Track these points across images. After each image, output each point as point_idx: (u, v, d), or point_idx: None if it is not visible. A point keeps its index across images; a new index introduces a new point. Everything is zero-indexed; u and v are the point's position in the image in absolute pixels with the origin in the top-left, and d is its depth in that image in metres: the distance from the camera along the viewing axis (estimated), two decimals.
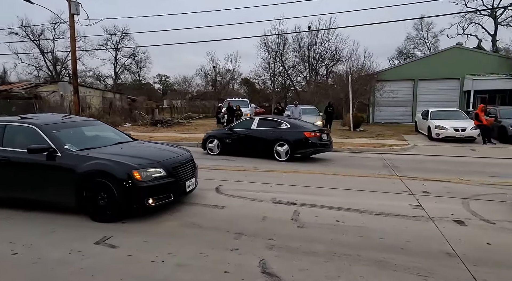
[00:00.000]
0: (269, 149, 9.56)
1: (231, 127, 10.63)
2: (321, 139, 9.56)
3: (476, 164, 9.34)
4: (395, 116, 23.97)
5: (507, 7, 30.47)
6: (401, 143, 13.38)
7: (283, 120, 10.14)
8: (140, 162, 4.56)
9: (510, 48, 30.47)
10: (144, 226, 4.31)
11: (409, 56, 43.30)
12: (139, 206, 4.42)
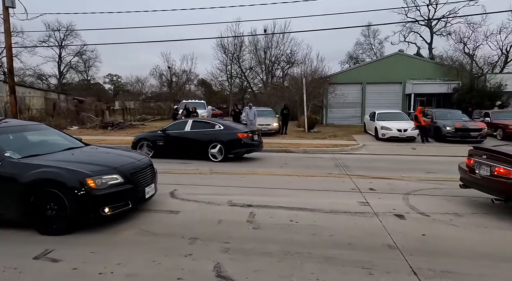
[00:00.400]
0: (203, 150, 9.72)
1: (163, 130, 10.54)
2: (252, 139, 10.07)
3: (415, 161, 10.22)
4: (346, 118, 25.31)
5: (440, 19, 33.81)
6: (352, 143, 14.18)
7: (216, 122, 10.47)
8: (94, 168, 4.32)
9: (443, 55, 33.78)
10: (93, 237, 4.08)
11: (358, 61, 46.00)
12: (93, 215, 4.19)
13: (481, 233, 4.18)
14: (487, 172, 4.88)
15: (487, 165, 4.92)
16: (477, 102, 20.39)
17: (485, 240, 3.97)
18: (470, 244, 3.83)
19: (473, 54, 28.93)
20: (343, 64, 48.18)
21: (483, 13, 27.05)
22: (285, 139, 15.57)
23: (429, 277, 3.05)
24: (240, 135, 9.73)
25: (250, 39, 36.86)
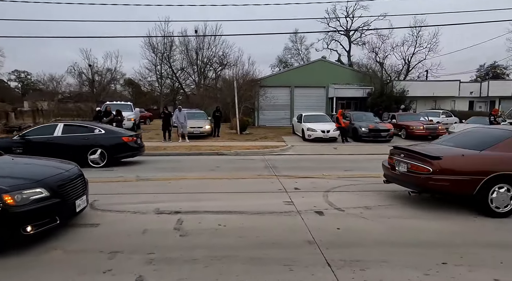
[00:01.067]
0: (80, 156, 9.07)
1: (22, 135, 9.67)
2: (136, 143, 10.11)
3: (336, 160, 11.18)
4: (277, 120, 26.43)
5: (356, 30, 37.57)
6: (281, 144, 14.86)
7: (95, 126, 10.13)
8: (12, 182, 3.82)
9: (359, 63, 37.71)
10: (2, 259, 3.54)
11: (287, 65, 48.42)
12: (13, 236, 3.73)
13: (385, 223, 4.78)
14: (405, 168, 5.58)
15: (404, 163, 5.62)
16: (387, 105, 23.20)
17: (387, 229, 4.56)
18: (376, 234, 4.36)
19: (383, 63, 32.86)
20: (273, 68, 50.19)
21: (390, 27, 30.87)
22: (217, 141, 15.59)
23: (340, 267, 3.40)
24: (125, 139, 9.68)
25: (181, 39, 35.95)
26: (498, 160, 5.13)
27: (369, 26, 35.92)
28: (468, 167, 5.11)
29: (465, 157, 5.26)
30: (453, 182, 5.04)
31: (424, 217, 5.02)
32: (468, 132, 6.54)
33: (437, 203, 5.72)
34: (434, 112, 22.64)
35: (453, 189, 5.13)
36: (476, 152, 5.32)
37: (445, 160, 5.12)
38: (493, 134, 5.85)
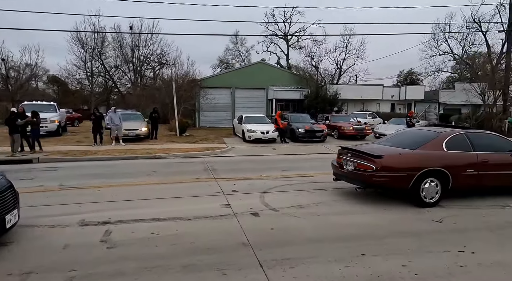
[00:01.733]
0: None
1: None
2: None
3: (275, 161, 11.53)
4: (218, 121, 26.32)
5: (294, 35, 39.27)
6: (221, 146, 14.82)
7: None
8: None
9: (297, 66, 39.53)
10: None
11: (229, 66, 48.52)
12: None
13: (316, 220, 5.08)
14: (352, 167, 6.09)
15: (351, 162, 6.13)
16: (321, 107, 24.69)
17: (318, 226, 4.84)
18: (307, 231, 4.61)
19: (318, 67, 34.87)
20: (214, 68, 49.90)
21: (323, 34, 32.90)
22: (155, 144, 14.94)
23: (272, 267, 3.52)
24: None
25: (114, 35, 33.62)
26: (427, 157, 5.86)
27: (305, 31, 37.88)
28: (404, 164, 5.76)
29: (401, 155, 5.90)
30: (392, 177, 5.66)
31: (352, 213, 5.45)
32: (403, 133, 7.36)
33: (364, 199, 6.26)
34: (362, 113, 24.76)
35: (393, 184, 5.75)
36: (410, 150, 5.99)
37: (385, 158, 5.73)
38: (423, 135, 6.61)
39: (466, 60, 32.93)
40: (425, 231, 4.56)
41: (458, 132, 6.38)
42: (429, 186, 5.74)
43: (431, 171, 5.70)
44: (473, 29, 29.19)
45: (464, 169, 5.95)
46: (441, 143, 6.07)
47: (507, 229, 4.64)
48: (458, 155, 6.02)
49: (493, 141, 6.57)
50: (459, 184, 5.95)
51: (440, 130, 6.65)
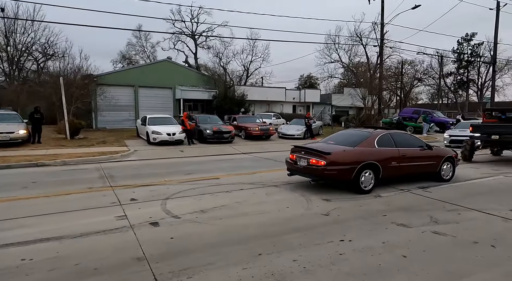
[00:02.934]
0: None
1: None
2: None
3: (181, 163, 11.21)
4: (120, 121, 24.22)
5: (201, 34, 38.91)
6: (122, 149, 13.66)
7: None
8: None
9: (206, 65, 39.31)
10: None
11: (132, 62, 45.08)
12: None
13: (217, 225, 5.09)
14: (305, 163, 7.03)
15: (304, 158, 7.07)
16: (230, 108, 25.15)
17: (219, 230, 4.85)
18: (208, 237, 4.58)
19: (226, 68, 35.37)
20: (116, 64, 45.72)
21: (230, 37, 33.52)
22: (38, 149, 12.80)
23: (168, 280, 3.37)
24: None
25: None
26: (364, 153, 7.11)
27: (212, 31, 37.89)
28: (348, 159, 6.86)
29: (345, 152, 7.06)
30: (339, 170, 6.73)
31: (252, 214, 5.65)
32: (344, 133, 8.67)
33: (264, 200, 6.57)
34: (267, 114, 26.17)
35: (339, 176, 6.79)
36: (351, 148, 7.19)
37: (333, 155, 6.78)
38: (360, 134, 7.92)
39: (351, 68, 38.11)
40: (314, 225, 5.05)
41: (385, 133, 7.84)
42: (366, 176, 6.97)
43: (367, 164, 6.94)
44: (356, 42, 33.95)
45: (390, 162, 7.36)
46: (373, 141, 7.43)
47: (376, 216, 5.50)
48: (386, 150, 7.43)
49: (408, 139, 8.26)
50: (387, 174, 7.30)
51: (372, 130, 8.06)
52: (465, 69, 50.88)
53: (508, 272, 3.63)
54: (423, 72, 51.74)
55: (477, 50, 49.08)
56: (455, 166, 8.72)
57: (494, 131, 11.56)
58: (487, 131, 11.76)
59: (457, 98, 53.72)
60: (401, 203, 6.34)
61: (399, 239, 4.50)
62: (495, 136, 11.42)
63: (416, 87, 54.40)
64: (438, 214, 5.60)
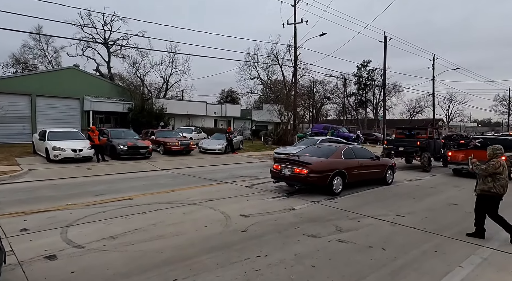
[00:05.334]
0: None
1: None
2: None
3: (88, 183, 10.09)
4: (11, 135, 20.73)
5: (115, 43, 36.43)
6: (13, 169, 11.69)
7: None
8: None
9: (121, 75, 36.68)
10: None
11: (29, 66, 39.36)
12: None
13: (128, 252, 4.69)
14: (289, 171, 8.60)
15: (289, 168, 8.64)
16: (148, 121, 23.86)
17: (129, 258, 4.46)
18: (115, 266, 4.17)
19: (143, 79, 33.67)
20: (6, 68, 39.29)
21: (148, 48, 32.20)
22: None
23: None
24: None
25: None
26: (335, 163, 8.90)
27: (128, 40, 35.80)
28: (324, 168, 8.57)
29: (322, 162, 8.78)
30: (319, 177, 8.38)
31: (167, 236, 5.38)
32: (316, 147, 10.64)
33: (179, 220, 6.35)
34: (187, 128, 25.63)
35: (319, 182, 8.41)
36: (325, 159, 9.00)
37: (313, 165, 8.43)
38: (329, 148, 9.90)
39: (269, 85, 40.35)
40: (232, 242, 5.08)
41: (348, 147, 10.12)
42: (337, 181, 8.66)
43: (338, 171, 8.69)
44: (273, 61, 36.20)
45: (353, 170, 9.22)
46: (340, 153, 9.35)
47: (290, 229, 5.84)
48: (350, 160, 9.32)
49: (363, 151, 10.40)
50: (350, 180, 9.09)
51: (338, 145, 10.46)
52: (364, 91, 58.92)
53: (393, 271, 4.23)
54: (331, 91, 58.16)
55: (371, 75, 57.46)
56: (394, 172, 11.06)
57: (401, 144, 15.51)
58: (396, 144, 15.66)
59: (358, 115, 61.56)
60: (311, 214, 6.86)
61: (309, 250, 4.84)
62: (401, 148, 15.31)
63: (325, 104, 60.67)
64: (342, 223, 6.24)
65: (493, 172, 5.33)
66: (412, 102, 62.40)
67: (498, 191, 5.34)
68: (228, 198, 8.23)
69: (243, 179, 11.32)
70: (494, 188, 5.34)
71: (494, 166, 5.32)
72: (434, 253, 4.85)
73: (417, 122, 45.56)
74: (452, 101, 64.13)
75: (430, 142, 15.34)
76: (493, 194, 5.38)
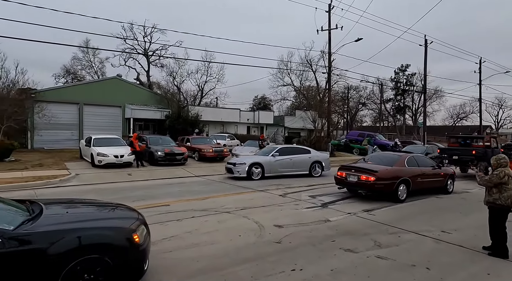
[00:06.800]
0: None
1: None
2: None
3: (128, 188, 10.57)
4: (60, 141, 22.37)
5: (154, 53, 38.26)
6: (62, 173, 12.56)
7: None
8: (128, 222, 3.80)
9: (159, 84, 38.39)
10: None
11: (77, 77, 42.44)
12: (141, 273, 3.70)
13: (162, 260, 4.83)
14: (355, 179, 9.10)
15: (354, 175, 9.15)
16: (183, 128, 24.63)
17: (160, 267, 4.60)
18: (150, 276, 4.30)
19: (180, 87, 34.94)
20: (58, 78, 42.66)
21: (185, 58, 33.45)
22: None
23: None
24: None
25: None
26: (400, 171, 9.27)
27: (166, 50, 37.44)
28: (390, 176, 8.99)
29: (388, 170, 9.13)
30: (385, 184, 8.83)
31: (203, 245, 5.46)
32: (378, 155, 11.21)
33: (214, 228, 6.42)
34: (221, 135, 26.09)
35: (385, 189, 8.86)
36: (390, 167, 9.30)
37: (380, 172, 8.85)
38: (391, 156, 10.38)
39: (302, 92, 40.03)
40: (266, 254, 5.03)
41: (410, 156, 10.31)
42: (402, 189, 9.07)
43: (403, 179, 9.07)
44: (306, 68, 35.93)
45: (416, 178, 9.54)
46: (404, 162, 9.67)
47: (325, 242, 5.67)
48: (413, 169, 9.65)
49: (424, 160, 10.72)
50: (414, 187, 9.39)
51: (400, 154, 10.98)
52: (402, 96, 56.40)
53: None
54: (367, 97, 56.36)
55: (410, 80, 54.91)
56: (454, 181, 11.19)
57: (455, 153, 15.38)
58: (450, 153, 15.52)
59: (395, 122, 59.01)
60: (348, 227, 6.62)
61: (345, 265, 4.66)
62: (455, 156, 15.17)
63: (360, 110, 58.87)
64: (381, 237, 5.95)
65: (498, 182, 5.07)
66: (456, 108, 58.53)
67: (504, 202, 5.05)
68: (261, 207, 8.21)
69: (276, 187, 11.24)
70: (500, 199, 5.07)
71: (499, 175, 5.07)
72: (486, 276, 4.46)
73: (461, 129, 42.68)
74: (502, 107, 59.42)
75: (487, 151, 14.53)
76: (499, 206, 5.09)
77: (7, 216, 3.38)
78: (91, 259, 3.29)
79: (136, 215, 4.18)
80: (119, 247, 3.47)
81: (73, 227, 3.41)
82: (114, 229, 3.61)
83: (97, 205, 4.59)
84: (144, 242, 3.75)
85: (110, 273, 3.37)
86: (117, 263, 3.39)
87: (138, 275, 3.69)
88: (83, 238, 3.30)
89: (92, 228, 3.50)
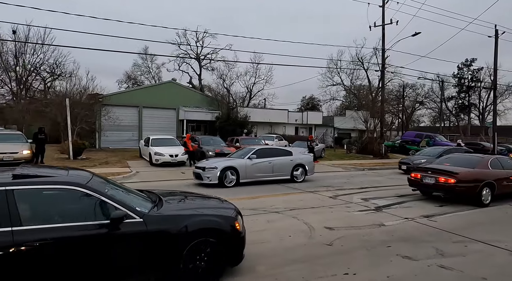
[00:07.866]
0: None
1: None
2: None
3: (181, 186, 11.06)
4: (123, 141, 24.39)
5: (205, 57, 39.84)
6: (124, 171, 13.66)
7: None
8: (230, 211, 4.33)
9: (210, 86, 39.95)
10: None
11: (137, 82, 45.94)
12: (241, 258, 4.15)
13: None
14: (432, 180, 8.70)
15: (431, 177, 8.76)
16: (233, 129, 25.29)
17: None
18: None
19: (229, 89, 35.93)
20: (121, 84, 46.59)
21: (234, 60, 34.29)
22: None
23: None
24: None
25: None
26: (484, 173, 8.76)
27: (217, 54, 38.81)
28: (472, 178, 8.48)
29: (470, 172, 8.64)
30: (467, 187, 8.31)
31: (254, 242, 5.53)
32: (454, 157, 10.30)
33: (266, 226, 6.46)
34: (269, 136, 26.22)
35: (467, 192, 8.33)
36: (472, 169, 8.77)
37: (461, 174, 8.40)
38: (471, 158, 9.78)
39: (353, 91, 38.58)
40: (317, 256, 4.94)
41: (494, 157, 9.82)
42: (486, 192, 8.54)
43: (487, 182, 8.54)
44: (357, 66, 34.58)
45: (502, 181, 8.98)
46: (487, 164, 9.12)
47: (380, 247, 5.38)
48: (498, 172, 9.08)
49: (509, 162, 9.90)
50: (499, 191, 8.84)
51: (482, 155, 10.21)
52: (466, 94, 51.38)
53: None
54: (425, 95, 52.33)
55: (477, 75, 49.77)
56: None
57: None
58: None
59: (459, 122, 53.89)
60: (405, 233, 6.21)
61: (404, 273, 4.38)
62: None
63: (417, 110, 54.83)
64: (443, 246, 5.48)
65: None
66: None
67: None
68: (311, 208, 8.08)
69: (326, 189, 10.97)
70: None
71: None
72: None
73: None
74: None
75: None
76: None
77: (139, 202, 3.99)
78: (205, 241, 3.80)
79: (233, 206, 4.62)
80: (226, 233, 3.96)
81: (192, 213, 4.01)
82: (222, 217, 4.09)
83: (201, 197, 5.22)
84: (243, 230, 4.25)
85: (217, 255, 3.86)
86: (223, 247, 3.89)
87: (238, 259, 4.14)
88: (200, 222, 3.85)
89: (207, 215, 4.04)
